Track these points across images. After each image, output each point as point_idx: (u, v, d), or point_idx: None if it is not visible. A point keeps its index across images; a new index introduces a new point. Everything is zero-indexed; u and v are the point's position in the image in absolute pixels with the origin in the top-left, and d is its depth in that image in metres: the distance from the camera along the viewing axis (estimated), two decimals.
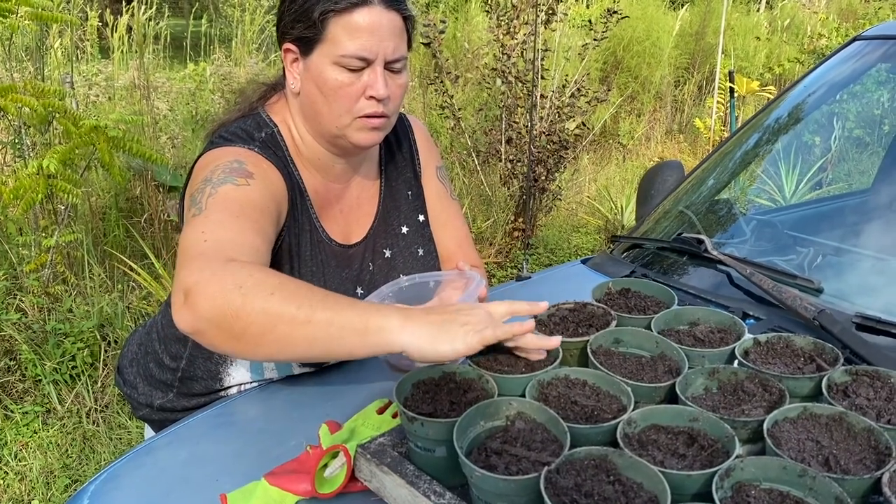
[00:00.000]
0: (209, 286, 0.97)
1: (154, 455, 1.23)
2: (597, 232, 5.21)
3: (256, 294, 0.96)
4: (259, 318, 0.95)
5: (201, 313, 0.97)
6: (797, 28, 9.56)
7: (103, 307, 3.26)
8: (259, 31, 6.97)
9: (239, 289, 0.96)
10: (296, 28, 1.25)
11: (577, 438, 0.91)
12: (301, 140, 1.34)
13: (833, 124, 3.94)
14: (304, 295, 0.98)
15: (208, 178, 1.19)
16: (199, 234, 1.08)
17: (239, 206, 1.15)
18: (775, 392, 1.01)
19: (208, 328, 0.98)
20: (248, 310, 0.95)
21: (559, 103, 4.59)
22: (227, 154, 1.24)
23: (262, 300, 0.95)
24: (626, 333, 1.17)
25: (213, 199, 1.14)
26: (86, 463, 2.69)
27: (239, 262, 1.03)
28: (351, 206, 1.43)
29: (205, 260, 1.03)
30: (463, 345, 0.96)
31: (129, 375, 1.57)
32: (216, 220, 1.11)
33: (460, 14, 7.62)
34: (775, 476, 0.85)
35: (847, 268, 1.66)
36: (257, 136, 1.30)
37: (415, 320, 0.97)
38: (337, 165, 1.38)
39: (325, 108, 1.26)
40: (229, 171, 1.19)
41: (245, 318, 0.95)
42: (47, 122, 3.30)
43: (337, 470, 1.02)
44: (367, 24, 1.21)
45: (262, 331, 0.96)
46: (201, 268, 1.01)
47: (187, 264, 1.03)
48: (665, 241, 1.76)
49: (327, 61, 1.23)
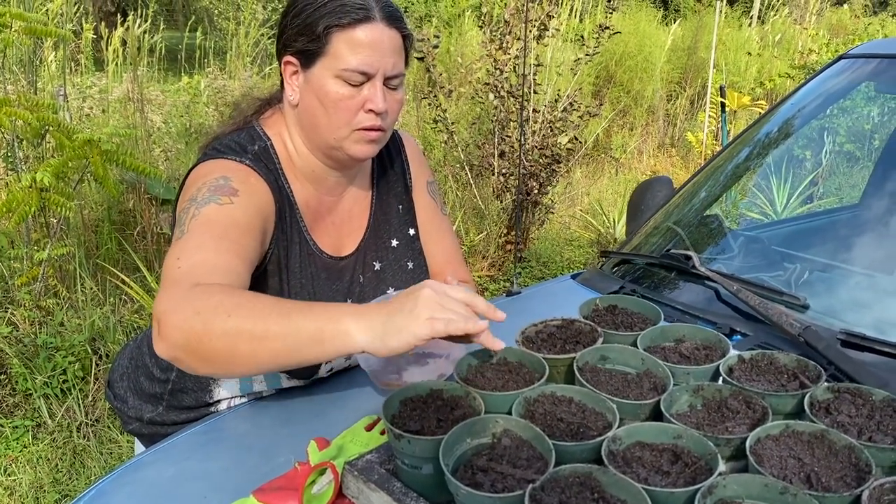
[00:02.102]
0: (174, 316, 1.01)
1: (142, 472, 1.23)
2: (589, 245, 5.23)
3: (214, 317, 0.99)
4: (221, 341, 0.98)
5: (172, 342, 1.01)
6: (788, 43, 9.64)
7: (95, 321, 3.25)
8: (254, 45, 7.00)
9: (198, 315, 0.99)
10: (298, 41, 1.27)
11: (562, 455, 0.92)
12: (296, 152, 1.36)
13: (824, 139, 3.98)
14: (260, 310, 1.00)
15: (193, 198, 1.21)
16: (174, 260, 1.12)
17: (221, 227, 1.17)
18: (759, 409, 1.02)
19: (181, 355, 1.02)
20: (210, 334, 0.98)
21: (551, 118, 4.62)
22: (216, 169, 1.26)
23: (221, 322, 0.98)
24: (612, 350, 1.18)
25: (195, 222, 1.17)
26: (76, 478, 2.68)
27: (203, 286, 1.05)
28: (343, 218, 1.44)
29: (174, 288, 1.06)
30: (413, 337, 0.95)
31: (120, 389, 1.57)
32: (195, 244, 1.14)
33: (454, 28, 7.67)
34: (757, 493, 0.86)
35: (833, 284, 1.68)
36: (250, 149, 1.32)
37: (367, 318, 0.98)
38: (331, 178, 1.40)
39: (325, 119, 1.28)
40: (214, 190, 1.21)
41: (208, 342, 0.99)
42: (41, 135, 3.31)
43: (324, 487, 1.02)
44: (370, 40, 1.24)
45: (227, 352, 0.99)
46: (170, 297, 1.04)
47: (161, 293, 1.07)
48: (653, 257, 1.77)
49: (329, 74, 1.25)
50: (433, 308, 0.97)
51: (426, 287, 0.99)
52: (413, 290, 1.00)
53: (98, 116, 5.41)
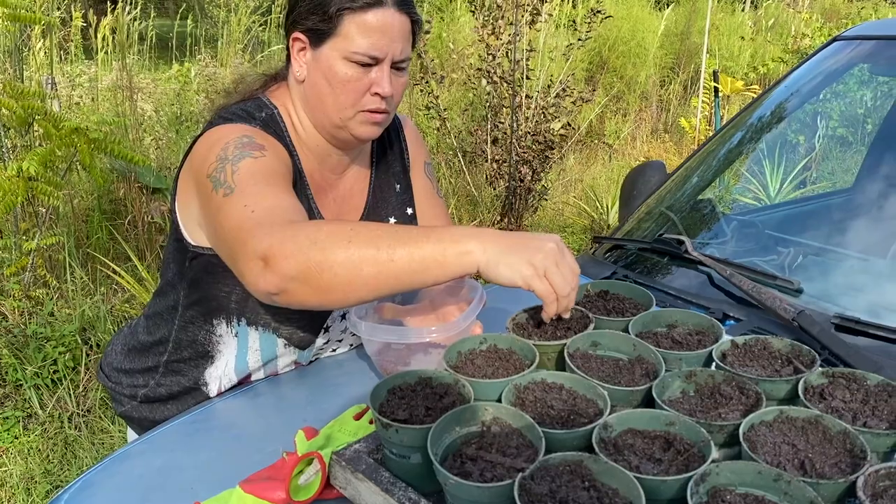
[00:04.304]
0: (285, 247, 1.01)
1: (130, 462, 1.21)
2: (583, 232, 5.21)
3: (334, 244, 1.00)
4: (343, 267, 1.00)
5: (285, 273, 1.01)
6: (781, 28, 9.61)
7: (85, 310, 3.23)
8: (245, 32, 6.94)
9: (315, 244, 1.01)
10: (309, 20, 1.27)
11: (552, 443, 0.90)
12: (301, 127, 1.37)
13: (817, 123, 3.96)
14: (381, 235, 1.02)
15: (223, 157, 1.20)
16: (243, 208, 1.11)
17: (264, 175, 1.17)
18: (752, 395, 1.01)
19: (294, 286, 1.02)
20: (331, 261, 1.00)
21: (544, 103, 4.59)
22: (234, 131, 1.25)
23: (342, 249, 1.00)
24: (603, 336, 1.16)
25: (238, 176, 1.16)
26: (67, 468, 2.66)
27: (298, 222, 1.07)
28: (344, 196, 1.46)
29: (266, 226, 1.06)
30: (518, 277, 1.03)
31: (113, 370, 1.54)
32: (253, 192, 1.13)
33: (446, 14, 7.61)
34: (751, 481, 0.85)
35: (827, 268, 1.66)
36: (258, 116, 1.31)
37: (488, 241, 1.03)
38: (333, 156, 1.41)
39: (331, 98, 1.29)
40: (242, 146, 1.21)
41: (329, 269, 1.00)
42: (27, 124, 3.27)
43: (311, 477, 1.01)
44: (380, 24, 1.25)
45: (348, 278, 1.00)
46: (269, 233, 1.04)
47: (251, 235, 1.05)
48: (646, 242, 1.75)
49: (337, 55, 1.26)
50: (549, 263, 1.04)
51: (553, 241, 1.06)
52: (540, 237, 1.07)
53: (88, 105, 5.36)
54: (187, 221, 1.33)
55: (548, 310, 1.09)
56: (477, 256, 1.02)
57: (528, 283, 1.03)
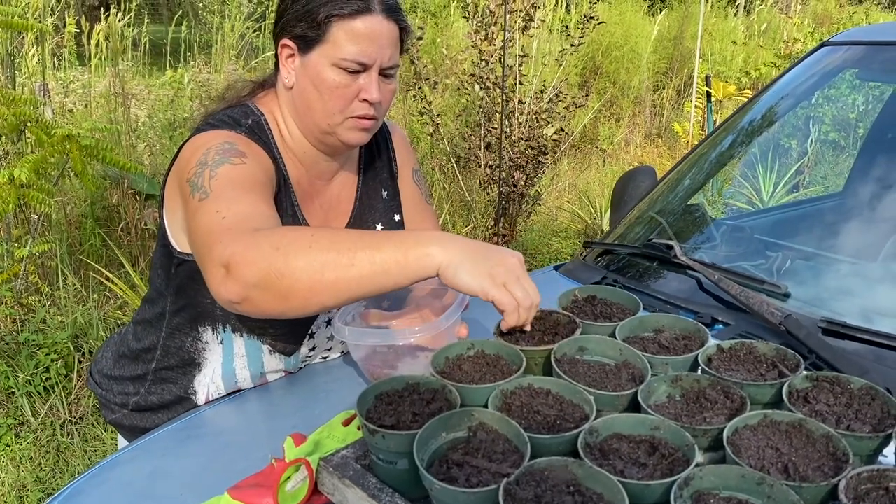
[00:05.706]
0: (247, 254, 1.01)
1: (119, 469, 1.21)
2: (576, 236, 5.22)
3: (296, 250, 1.01)
4: (304, 272, 1.00)
5: (247, 280, 1.01)
6: (773, 33, 9.66)
7: (77, 318, 3.22)
8: (239, 38, 6.94)
9: (277, 250, 1.01)
10: (297, 26, 1.28)
11: (538, 449, 0.91)
12: (288, 133, 1.37)
13: (809, 128, 3.97)
14: (343, 239, 1.03)
15: (203, 162, 1.20)
16: (215, 213, 1.11)
17: (244, 182, 1.18)
18: (737, 399, 1.01)
19: (256, 294, 1.02)
20: (293, 267, 1.00)
21: (537, 108, 4.60)
22: (217, 137, 1.26)
23: (304, 254, 1.00)
24: (590, 341, 1.17)
25: (215, 181, 1.16)
26: (59, 476, 2.66)
27: (266, 229, 1.07)
28: (331, 202, 1.46)
29: (233, 233, 1.06)
30: (478, 287, 1.03)
31: (103, 377, 1.54)
32: (227, 197, 1.14)
33: (439, 19, 7.63)
34: (734, 484, 0.85)
35: (814, 272, 1.67)
36: (244, 122, 1.32)
37: (451, 247, 1.03)
38: (321, 163, 1.41)
39: (319, 104, 1.29)
40: (223, 153, 1.22)
41: (290, 275, 1.00)
42: (19, 130, 3.27)
43: (299, 484, 1.01)
44: (369, 31, 1.25)
45: (309, 283, 1.00)
46: (234, 239, 1.04)
47: (217, 241, 1.06)
48: (635, 247, 1.76)
49: (326, 62, 1.26)
50: (510, 277, 1.05)
51: (515, 257, 1.07)
52: (505, 251, 1.08)
53: (81, 111, 5.35)
54: (174, 228, 1.34)
55: (507, 319, 1.09)
56: (438, 259, 1.02)
57: (487, 293, 1.03)
